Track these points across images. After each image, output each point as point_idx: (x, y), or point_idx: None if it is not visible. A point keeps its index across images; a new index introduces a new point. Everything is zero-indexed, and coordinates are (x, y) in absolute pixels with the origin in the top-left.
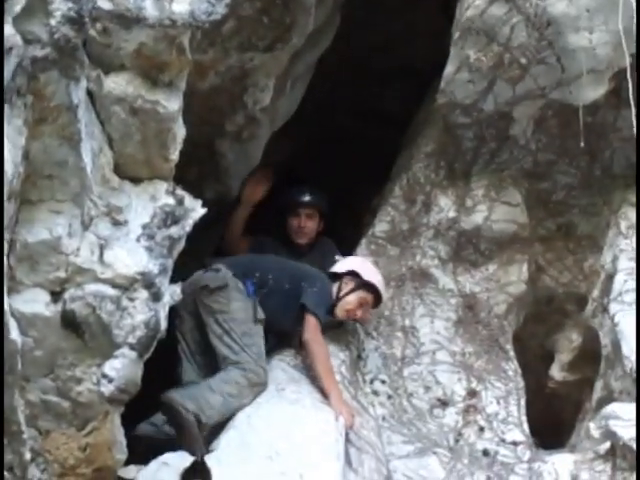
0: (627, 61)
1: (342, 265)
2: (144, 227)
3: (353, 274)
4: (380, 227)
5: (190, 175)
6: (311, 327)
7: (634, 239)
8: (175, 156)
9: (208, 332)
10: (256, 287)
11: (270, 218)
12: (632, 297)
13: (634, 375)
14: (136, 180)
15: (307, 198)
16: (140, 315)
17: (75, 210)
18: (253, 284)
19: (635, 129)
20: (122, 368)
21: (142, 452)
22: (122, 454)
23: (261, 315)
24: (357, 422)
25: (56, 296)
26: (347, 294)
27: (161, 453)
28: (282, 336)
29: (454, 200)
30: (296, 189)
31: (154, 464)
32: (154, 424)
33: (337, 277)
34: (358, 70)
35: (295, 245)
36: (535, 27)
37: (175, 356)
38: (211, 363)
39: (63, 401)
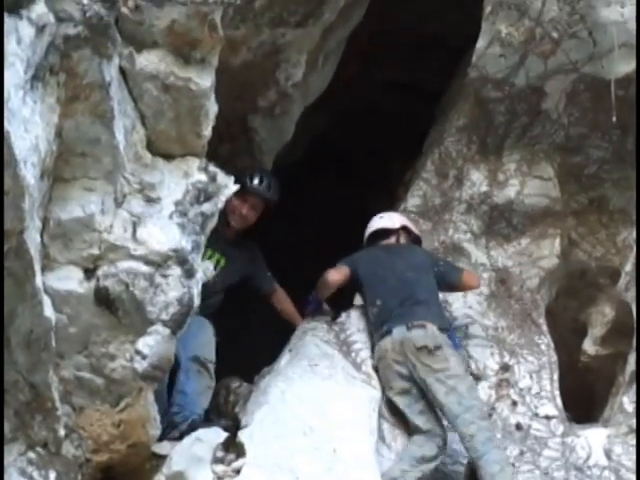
0: None
1: (392, 221)
2: (177, 204)
3: (405, 229)
4: (412, 201)
5: (223, 151)
6: None
7: None
8: (208, 132)
9: (431, 389)
10: (460, 339)
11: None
12: None
13: None
14: (169, 157)
15: (267, 194)
16: (173, 292)
17: (108, 187)
18: (458, 336)
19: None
20: (155, 345)
21: None
22: (156, 430)
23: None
24: None
25: (89, 273)
26: None
27: None
28: None
29: (486, 174)
30: (258, 176)
31: (188, 440)
32: None
33: (392, 232)
34: (390, 44)
35: (226, 227)
36: (566, 1)
37: None
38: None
39: (97, 378)
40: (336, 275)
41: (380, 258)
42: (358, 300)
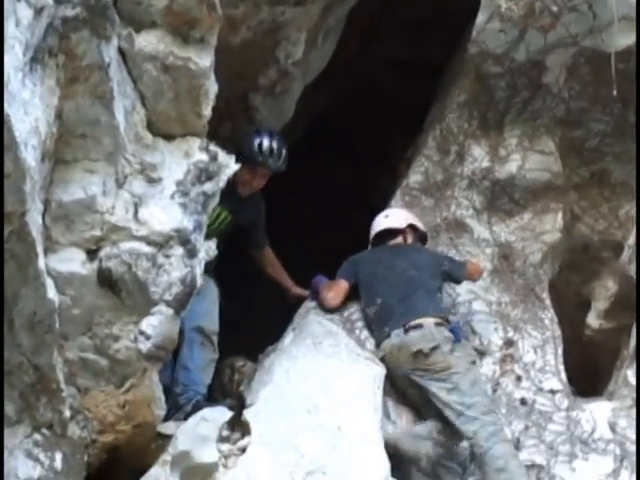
0: None
1: (398, 220)
2: (178, 184)
3: (411, 227)
4: (414, 178)
5: (224, 130)
6: None
7: None
8: (208, 112)
9: (432, 390)
10: (457, 328)
11: None
12: None
13: None
14: (169, 137)
15: (278, 166)
16: (176, 272)
17: (109, 169)
18: (456, 326)
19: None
20: (159, 325)
21: None
22: (161, 410)
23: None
24: None
25: (92, 254)
26: None
27: None
28: None
29: (487, 150)
30: (268, 143)
31: (193, 419)
32: None
33: (398, 232)
34: (389, 22)
35: (233, 190)
36: None
37: None
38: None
39: (101, 359)
40: (336, 300)
41: (383, 258)
42: None
